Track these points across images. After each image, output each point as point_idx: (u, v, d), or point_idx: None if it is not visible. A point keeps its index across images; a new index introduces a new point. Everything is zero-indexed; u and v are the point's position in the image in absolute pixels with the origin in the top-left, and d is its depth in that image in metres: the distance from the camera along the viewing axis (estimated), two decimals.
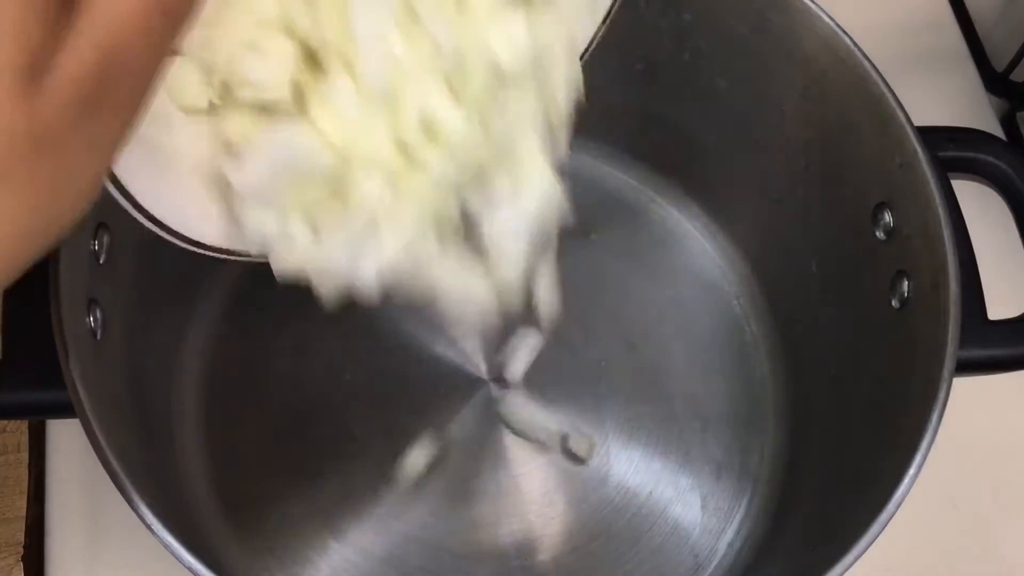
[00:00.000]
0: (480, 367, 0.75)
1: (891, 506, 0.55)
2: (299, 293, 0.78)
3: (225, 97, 0.47)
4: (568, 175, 0.84)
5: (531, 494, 0.72)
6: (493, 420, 0.74)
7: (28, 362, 0.57)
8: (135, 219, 0.65)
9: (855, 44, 0.65)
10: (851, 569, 0.54)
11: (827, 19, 0.65)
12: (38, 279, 0.55)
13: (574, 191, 0.84)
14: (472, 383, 0.75)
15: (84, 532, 0.70)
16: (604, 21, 0.57)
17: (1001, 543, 0.76)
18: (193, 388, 0.74)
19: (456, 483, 0.72)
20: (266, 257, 0.53)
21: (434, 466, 0.72)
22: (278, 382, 0.76)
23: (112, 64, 0.34)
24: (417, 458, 0.72)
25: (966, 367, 0.60)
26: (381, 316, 0.78)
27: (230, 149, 0.49)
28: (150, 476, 0.58)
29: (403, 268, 0.51)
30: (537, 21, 0.50)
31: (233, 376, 0.75)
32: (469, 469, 0.72)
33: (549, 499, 0.72)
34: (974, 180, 0.68)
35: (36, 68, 0.32)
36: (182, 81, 0.46)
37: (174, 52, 0.36)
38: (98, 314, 0.59)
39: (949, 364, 0.57)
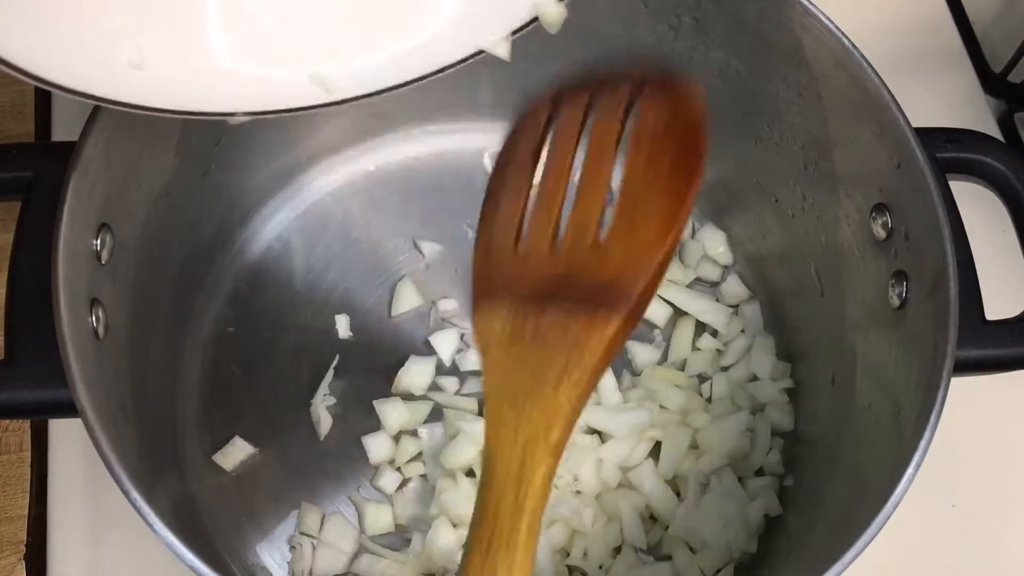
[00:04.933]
0: None
1: (890, 505, 0.55)
2: (297, 297, 0.79)
3: None
4: None
5: None
6: None
7: (31, 362, 0.57)
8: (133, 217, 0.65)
9: (853, 45, 0.65)
10: (851, 568, 0.54)
11: (825, 20, 0.65)
12: (41, 279, 0.56)
13: None
14: None
15: (86, 531, 0.70)
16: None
17: (1000, 543, 0.76)
18: (194, 387, 0.74)
19: None
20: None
21: None
22: (278, 382, 0.76)
23: None
24: None
25: (964, 367, 0.60)
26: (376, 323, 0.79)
27: None
28: (151, 475, 0.58)
29: None
30: None
31: (233, 376, 0.76)
32: None
33: None
34: (972, 181, 0.68)
35: None
36: None
37: None
38: (100, 314, 0.60)
39: (948, 364, 0.58)
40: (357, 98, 0.56)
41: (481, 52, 0.57)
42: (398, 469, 0.73)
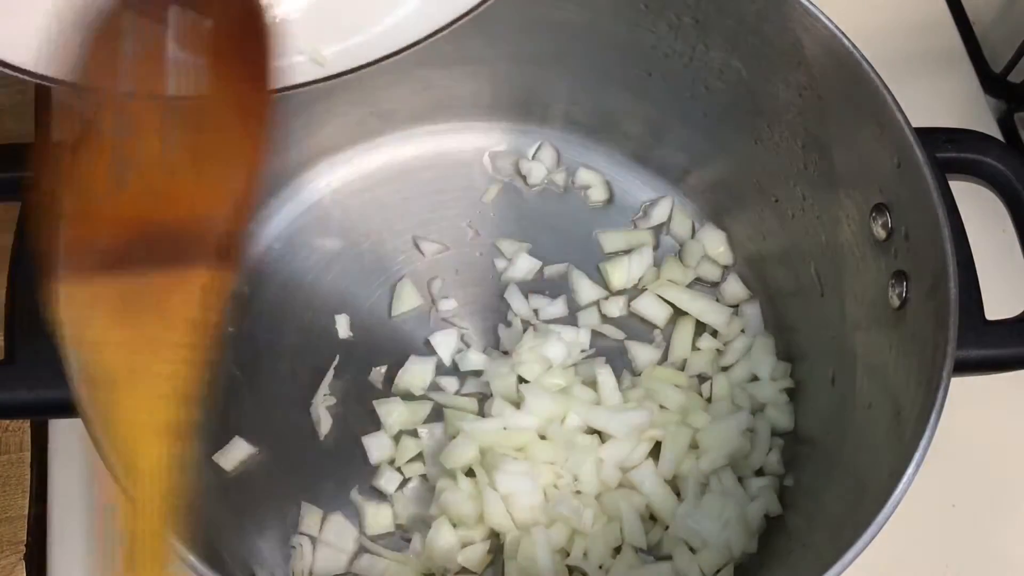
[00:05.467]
0: None
1: (890, 505, 0.55)
2: (297, 297, 0.79)
3: None
4: (569, 177, 0.85)
5: None
6: None
7: (31, 362, 0.57)
8: None
9: (853, 45, 0.65)
10: (851, 568, 0.54)
11: (826, 21, 0.65)
12: (41, 279, 0.56)
13: (575, 193, 0.85)
14: None
15: (85, 531, 0.70)
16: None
17: (1000, 543, 0.76)
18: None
19: None
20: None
21: None
22: (278, 382, 0.76)
23: None
24: None
25: (964, 367, 0.60)
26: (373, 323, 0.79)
27: None
28: None
29: None
30: None
31: (233, 376, 0.76)
32: None
33: None
34: (972, 181, 0.68)
35: None
36: None
37: None
38: None
39: (948, 364, 0.58)
40: (351, 71, 0.55)
41: (472, 10, 0.55)
42: (398, 469, 0.73)
